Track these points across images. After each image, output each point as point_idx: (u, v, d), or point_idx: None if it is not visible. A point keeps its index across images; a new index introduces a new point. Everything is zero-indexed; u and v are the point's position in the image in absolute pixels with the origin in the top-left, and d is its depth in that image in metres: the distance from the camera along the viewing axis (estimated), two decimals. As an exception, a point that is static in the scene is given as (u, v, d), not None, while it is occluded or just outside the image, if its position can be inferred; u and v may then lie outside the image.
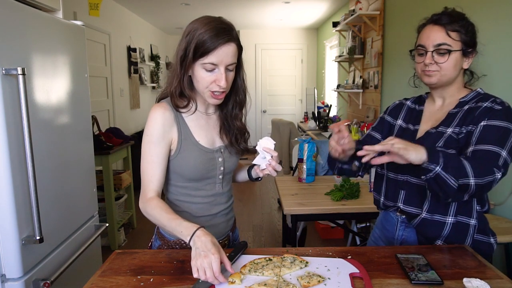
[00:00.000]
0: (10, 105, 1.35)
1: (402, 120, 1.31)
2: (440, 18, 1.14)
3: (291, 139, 4.29)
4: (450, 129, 1.14)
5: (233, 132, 1.22)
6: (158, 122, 1.11)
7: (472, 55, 1.17)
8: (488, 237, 1.19)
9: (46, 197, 1.58)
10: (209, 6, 5.13)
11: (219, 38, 1.03)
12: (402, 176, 1.23)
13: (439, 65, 1.13)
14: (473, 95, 1.19)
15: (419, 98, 1.33)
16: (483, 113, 1.10)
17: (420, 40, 1.17)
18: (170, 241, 1.21)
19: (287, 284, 0.92)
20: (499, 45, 2.04)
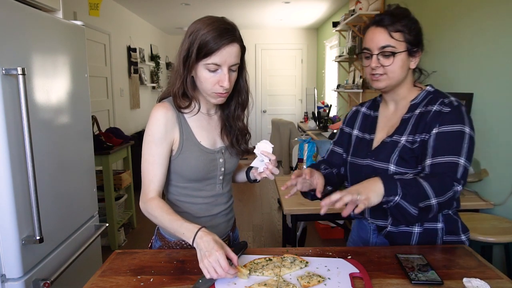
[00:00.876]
0: (10, 105, 1.35)
1: (358, 130, 1.30)
2: (382, 19, 1.11)
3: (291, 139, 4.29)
4: (403, 138, 1.13)
5: (235, 132, 1.22)
6: (160, 122, 1.10)
7: (418, 54, 1.15)
8: (458, 236, 1.18)
9: (46, 197, 1.58)
10: (209, 6, 5.13)
11: (222, 38, 1.03)
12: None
13: (385, 68, 1.11)
14: (423, 96, 1.17)
15: (374, 103, 1.31)
16: (434, 118, 1.09)
17: (365, 43, 1.15)
18: (170, 242, 1.21)
19: (287, 284, 0.92)
20: (499, 44, 2.04)
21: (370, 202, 0.95)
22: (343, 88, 4.67)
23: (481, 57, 2.19)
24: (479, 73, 2.20)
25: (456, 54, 2.43)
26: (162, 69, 6.83)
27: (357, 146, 1.26)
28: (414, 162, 1.11)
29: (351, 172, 1.27)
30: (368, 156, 1.19)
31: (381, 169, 1.14)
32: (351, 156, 1.27)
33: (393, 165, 1.12)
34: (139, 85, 5.65)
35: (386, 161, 1.14)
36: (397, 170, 1.12)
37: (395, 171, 1.12)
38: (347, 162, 1.28)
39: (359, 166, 1.22)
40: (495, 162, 2.07)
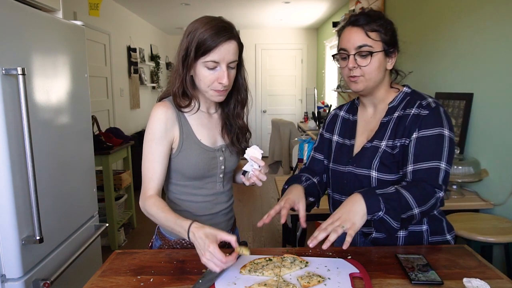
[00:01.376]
0: (10, 105, 1.35)
1: (338, 135, 1.28)
2: (357, 19, 1.10)
3: (291, 139, 4.29)
4: (384, 142, 1.12)
5: (235, 131, 1.22)
6: (160, 120, 1.11)
7: (394, 54, 1.14)
8: (443, 235, 1.18)
9: (46, 197, 1.58)
10: (209, 6, 5.13)
11: (220, 36, 1.04)
12: (346, 197, 1.18)
13: (362, 69, 1.10)
14: (401, 98, 1.16)
15: (352, 106, 1.30)
16: (412, 122, 1.08)
17: (341, 43, 1.13)
18: (170, 240, 1.21)
19: (287, 284, 0.92)
20: (499, 44, 2.04)
21: (356, 228, 0.95)
22: (343, 88, 4.67)
23: (481, 57, 2.19)
24: (479, 73, 2.20)
25: (456, 54, 2.43)
26: (162, 69, 6.83)
27: (338, 152, 1.25)
28: (395, 167, 1.10)
29: (333, 179, 1.26)
30: (349, 163, 1.18)
31: (362, 176, 1.14)
32: (333, 163, 1.25)
33: (375, 171, 1.12)
34: (139, 85, 5.65)
35: (367, 167, 1.13)
36: (379, 176, 1.11)
37: (377, 177, 1.11)
38: (329, 169, 1.27)
39: (340, 173, 1.21)
40: (495, 162, 2.07)
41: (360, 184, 1.15)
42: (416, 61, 2.90)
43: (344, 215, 0.97)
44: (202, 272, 1.00)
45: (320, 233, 0.95)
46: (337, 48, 1.17)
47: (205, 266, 1.02)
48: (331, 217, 0.98)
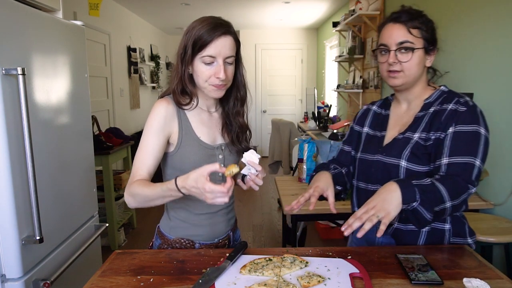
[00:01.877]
0: (10, 105, 1.35)
1: (369, 127, 1.29)
2: (400, 16, 1.12)
3: (291, 139, 4.29)
4: (416, 135, 1.13)
5: (235, 129, 1.22)
6: (160, 114, 1.12)
7: (433, 52, 1.15)
8: (465, 238, 1.18)
9: (46, 197, 1.58)
10: (209, 6, 5.13)
11: (215, 31, 1.06)
12: (372, 186, 1.20)
13: (402, 65, 1.11)
14: (437, 95, 1.17)
15: (385, 102, 1.31)
16: (449, 117, 1.09)
17: (382, 39, 1.15)
18: (169, 239, 1.21)
19: (287, 284, 0.92)
20: (499, 44, 2.04)
21: (391, 217, 0.96)
22: (343, 88, 4.67)
23: (481, 57, 2.19)
24: (479, 73, 2.20)
25: (456, 54, 2.43)
26: (162, 69, 6.83)
27: (368, 143, 1.26)
28: (426, 159, 1.11)
29: (360, 168, 1.26)
30: (379, 152, 1.19)
31: (391, 165, 1.14)
32: (361, 153, 1.26)
33: (405, 161, 1.12)
34: (139, 85, 5.65)
35: (397, 157, 1.13)
36: (408, 166, 1.11)
37: (406, 167, 1.11)
38: (356, 159, 1.28)
39: (368, 161, 1.22)
40: (495, 162, 2.07)
41: (388, 173, 1.15)
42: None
43: (379, 204, 0.96)
44: (202, 272, 1.00)
45: (355, 222, 0.96)
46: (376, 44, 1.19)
47: (205, 266, 1.03)
48: (365, 205, 0.98)
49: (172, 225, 1.21)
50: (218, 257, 1.10)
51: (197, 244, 1.20)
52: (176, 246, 1.20)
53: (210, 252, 1.15)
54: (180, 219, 1.20)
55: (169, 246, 1.21)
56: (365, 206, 0.98)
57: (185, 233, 1.20)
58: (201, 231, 1.20)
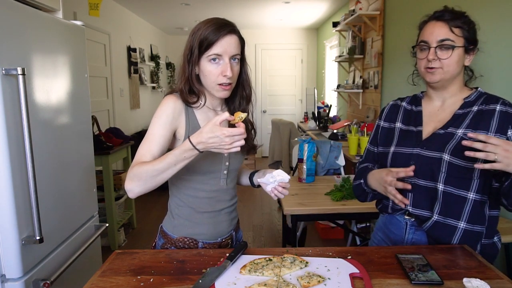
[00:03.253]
0: (10, 105, 1.35)
1: (401, 123, 1.28)
2: (442, 15, 1.14)
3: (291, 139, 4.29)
4: (460, 130, 1.13)
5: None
6: (169, 107, 1.13)
7: (473, 52, 1.17)
8: (491, 239, 1.19)
9: (46, 197, 1.58)
10: (209, 6, 5.13)
11: (221, 30, 1.08)
12: (409, 178, 1.18)
13: (441, 62, 1.13)
14: (477, 95, 1.18)
15: (415, 98, 1.31)
16: (503, 118, 1.10)
17: (423, 36, 1.17)
18: (173, 238, 1.21)
19: (287, 284, 0.92)
20: (499, 44, 2.04)
21: (506, 168, 0.93)
22: (343, 88, 4.67)
23: (481, 57, 2.19)
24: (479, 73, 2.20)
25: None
26: (162, 69, 6.83)
27: (402, 137, 1.25)
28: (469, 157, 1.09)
29: (395, 161, 1.23)
30: (418, 146, 1.18)
31: (432, 159, 1.14)
32: (396, 146, 1.24)
33: (448, 154, 1.11)
34: (139, 85, 5.65)
35: (439, 150, 1.13)
36: (451, 160, 1.11)
37: (449, 160, 1.11)
38: (389, 153, 1.25)
39: (406, 155, 1.20)
40: (495, 162, 2.06)
41: (429, 166, 1.14)
42: (416, 61, 2.90)
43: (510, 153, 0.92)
44: (202, 272, 1.00)
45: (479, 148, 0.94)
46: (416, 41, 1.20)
47: (205, 266, 1.03)
48: (499, 140, 0.94)
49: (176, 223, 1.22)
50: (218, 257, 1.10)
51: (201, 243, 1.20)
52: (180, 246, 1.20)
53: (210, 252, 1.15)
54: (183, 217, 1.21)
55: (172, 246, 1.21)
56: (501, 142, 0.94)
57: (188, 232, 1.20)
58: (204, 229, 1.21)
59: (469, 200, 1.12)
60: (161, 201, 4.37)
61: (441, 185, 1.13)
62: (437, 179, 1.13)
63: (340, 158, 2.80)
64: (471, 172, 1.10)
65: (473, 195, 1.12)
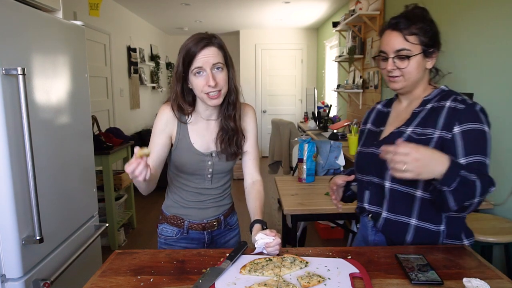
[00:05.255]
0: (10, 105, 1.35)
1: (371, 124, 1.33)
2: (397, 23, 1.13)
3: (291, 139, 4.29)
4: (410, 129, 1.15)
5: (227, 133, 1.30)
6: (163, 117, 1.28)
7: (435, 54, 1.16)
8: (460, 240, 1.17)
9: (46, 197, 1.58)
10: (209, 6, 5.13)
11: (198, 45, 1.18)
12: (366, 176, 1.25)
13: (401, 70, 1.13)
14: (436, 93, 1.18)
15: (390, 101, 1.34)
16: (450, 115, 1.09)
17: (381, 46, 1.17)
18: (166, 216, 1.36)
19: (287, 284, 0.92)
20: (499, 44, 2.04)
21: (417, 177, 0.92)
22: (343, 88, 4.67)
23: (481, 57, 2.19)
24: (479, 73, 2.20)
25: (456, 54, 2.43)
26: (162, 69, 6.83)
27: (367, 137, 1.31)
28: None
29: (358, 160, 1.30)
30: (374, 145, 1.22)
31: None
32: (360, 146, 1.31)
33: None
34: (139, 85, 5.65)
35: None
36: None
37: None
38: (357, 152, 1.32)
39: (364, 154, 1.26)
40: (495, 162, 2.06)
41: (379, 164, 1.16)
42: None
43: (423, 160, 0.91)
44: (202, 272, 1.01)
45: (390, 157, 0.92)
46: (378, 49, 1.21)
47: (205, 266, 1.03)
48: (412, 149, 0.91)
49: (168, 203, 1.38)
50: (218, 257, 1.10)
51: (187, 221, 1.34)
52: (171, 222, 1.35)
53: (210, 252, 1.15)
54: (173, 200, 1.37)
55: (165, 222, 1.36)
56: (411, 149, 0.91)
57: (178, 212, 1.35)
58: (190, 212, 1.35)
59: (417, 197, 1.13)
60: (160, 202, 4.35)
61: (388, 183, 1.16)
62: (385, 177, 1.17)
63: (340, 158, 2.79)
64: None
65: (420, 193, 1.12)
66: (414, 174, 0.92)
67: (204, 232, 1.35)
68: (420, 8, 1.16)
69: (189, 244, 1.35)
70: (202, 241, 1.36)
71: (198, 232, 1.35)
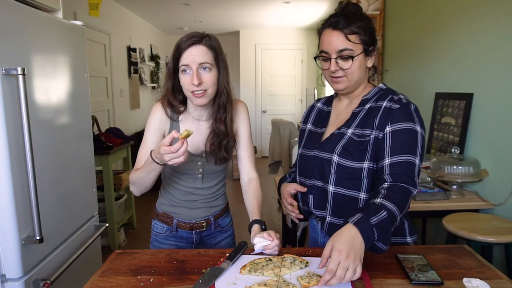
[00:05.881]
0: (10, 105, 1.35)
1: (312, 124, 1.31)
2: (337, 22, 1.10)
3: (291, 139, 4.29)
4: (350, 130, 1.14)
5: (218, 136, 1.29)
6: (156, 115, 1.29)
7: (374, 52, 1.15)
8: (404, 237, 1.18)
9: (46, 197, 1.58)
10: (209, 6, 5.13)
11: (188, 41, 1.19)
12: (309, 180, 1.22)
13: (344, 71, 1.12)
14: (375, 92, 1.18)
15: (329, 98, 1.32)
16: (385, 115, 1.09)
17: (322, 45, 1.14)
18: (158, 212, 1.38)
19: (287, 284, 0.92)
20: (499, 44, 2.04)
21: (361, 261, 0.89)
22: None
23: (481, 57, 2.19)
24: (479, 73, 2.20)
25: (456, 54, 2.43)
26: (162, 69, 6.82)
27: (308, 139, 1.28)
28: (358, 155, 1.10)
29: (299, 163, 1.27)
30: (316, 148, 1.20)
31: (325, 160, 1.15)
32: (301, 148, 1.28)
33: (337, 156, 1.13)
34: (139, 85, 5.65)
35: (330, 152, 1.14)
36: (339, 161, 1.12)
37: (338, 161, 1.12)
38: (298, 154, 1.30)
39: (306, 157, 1.23)
40: (495, 162, 2.07)
41: (322, 168, 1.16)
42: (416, 61, 2.90)
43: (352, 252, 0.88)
44: (202, 272, 1.01)
45: (332, 280, 0.87)
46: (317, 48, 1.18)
47: (205, 266, 1.03)
48: (336, 254, 0.87)
49: (161, 201, 1.39)
50: (218, 257, 1.10)
51: (175, 220, 1.35)
52: (161, 219, 1.36)
53: (210, 252, 1.15)
54: (166, 198, 1.38)
55: (156, 218, 1.38)
56: (337, 255, 0.87)
57: (168, 209, 1.36)
58: (180, 211, 1.35)
59: (361, 200, 1.12)
60: (161, 201, 4.36)
61: (331, 187, 1.15)
62: (328, 181, 1.15)
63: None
64: (359, 172, 1.11)
65: (364, 194, 1.12)
66: (360, 265, 0.88)
67: (192, 232, 1.35)
68: (355, 4, 1.15)
69: (178, 242, 1.35)
70: (191, 241, 1.36)
71: (187, 231, 1.35)
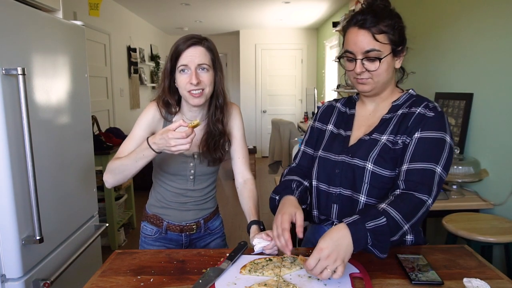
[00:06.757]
0: (10, 105, 1.35)
1: (333, 125, 1.22)
2: (364, 21, 1.03)
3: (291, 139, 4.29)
4: (384, 137, 1.07)
5: (214, 138, 1.29)
6: (149, 113, 1.28)
7: (402, 52, 1.09)
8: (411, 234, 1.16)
9: (46, 197, 1.58)
10: (209, 6, 5.13)
11: (187, 42, 1.21)
12: (335, 188, 1.13)
13: (371, 73, 1.05)
14: (406, 98, 1.12)
15: (350, 100, 1.24)
16: (417, 121, 1.04)
17: (347, 45, 1.07)
18: (148, 214, 1.38)
19: (287, 284, 0.92)
20: (499, 44, 2.04)
21: (346, 263, 0.89)
22: (343, 88, 4.66)
23: (481, 57, 2.19)
24: (479, 73, 2.20)
25: (456, 54, 2.43)
26: (162, 69, 6.82)
27: (331, 141, 1.18)
28: (393, 163, 1.05)
29: (322, 167, 1.16)
30: (344, 153, 1.12)
31: (356, 167, 1.07)
32: (323, 151, 1.18)
33: (371, 163, 1.05)
34: (139, 85, 5.65)
35: (364, 158, 1.07)
36: (374, 169, 1.05)
37: (372, 170, 1.05)
38: (317, 157, 1.19)
39: (332, 162, 1.14)
40: (495, 162, 2.07)
41: (353, 174, 1.08)
42: (416, 61, 2.90)
43: (330, 252, 0.87)
44: (202, 272, 1.01)
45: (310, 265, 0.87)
46: (342, 47, 1.11)
47: (205, 266, 1.03)
48: (317, 251, 0.87)
49: (150, 202, 1.39)
50: (218, 257, 1.10)
51: (165, 222, 1.35)
52: (150, 221, 1.37)
53: (210, 252, 1.15)
54: (156, 199, 1.37)
55: (146, 220, 1.39)
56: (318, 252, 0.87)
57: (158, 211, 1.36)
58: (170, 213, 1.35)
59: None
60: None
61: (363, 197, 1.07)
62: (360, 190, 1.07)
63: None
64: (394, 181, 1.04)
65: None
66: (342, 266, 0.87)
67: (182, 234, 1.35)
68: (384, 0, 1.07)
69: (167, 245, 1.35)
70: (180, 243, 1.36)
71: (176, 233, 1.35)
